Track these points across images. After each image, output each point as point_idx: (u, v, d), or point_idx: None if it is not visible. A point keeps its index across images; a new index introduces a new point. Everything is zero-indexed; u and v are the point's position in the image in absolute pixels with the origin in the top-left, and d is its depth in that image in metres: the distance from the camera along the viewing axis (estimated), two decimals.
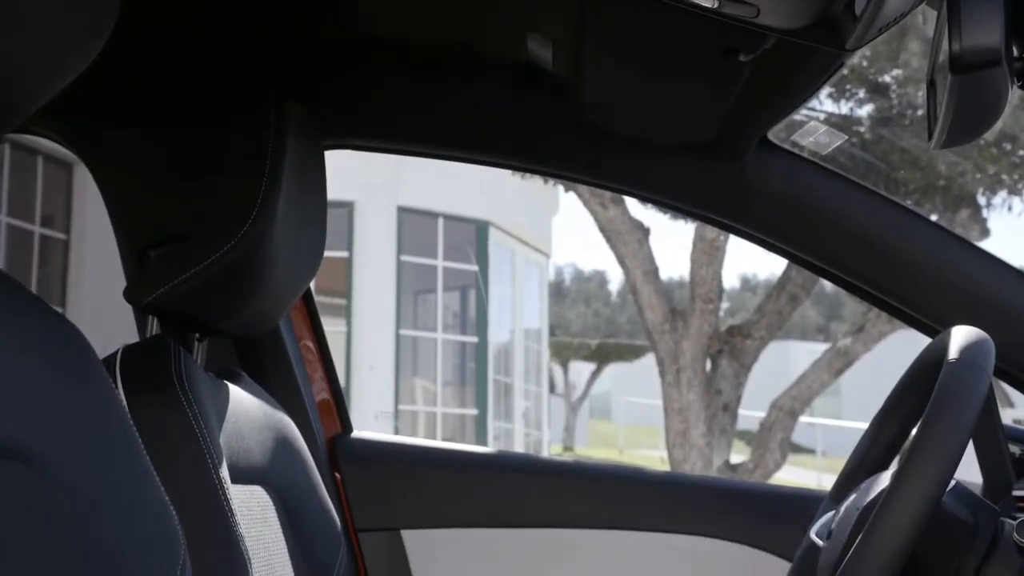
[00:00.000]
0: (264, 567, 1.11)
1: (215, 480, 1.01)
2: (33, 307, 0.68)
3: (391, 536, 1.57)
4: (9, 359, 0.64)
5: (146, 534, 0.70)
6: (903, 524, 1.00)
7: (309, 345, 1.63)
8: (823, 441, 17.58)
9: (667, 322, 7.11)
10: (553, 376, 20.99)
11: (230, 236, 1.08)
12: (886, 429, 1.31)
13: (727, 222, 1.48)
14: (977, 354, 1.08)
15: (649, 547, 1.56)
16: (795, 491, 1.64)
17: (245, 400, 1.20)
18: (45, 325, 0.68)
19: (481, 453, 1.76)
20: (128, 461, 0.71)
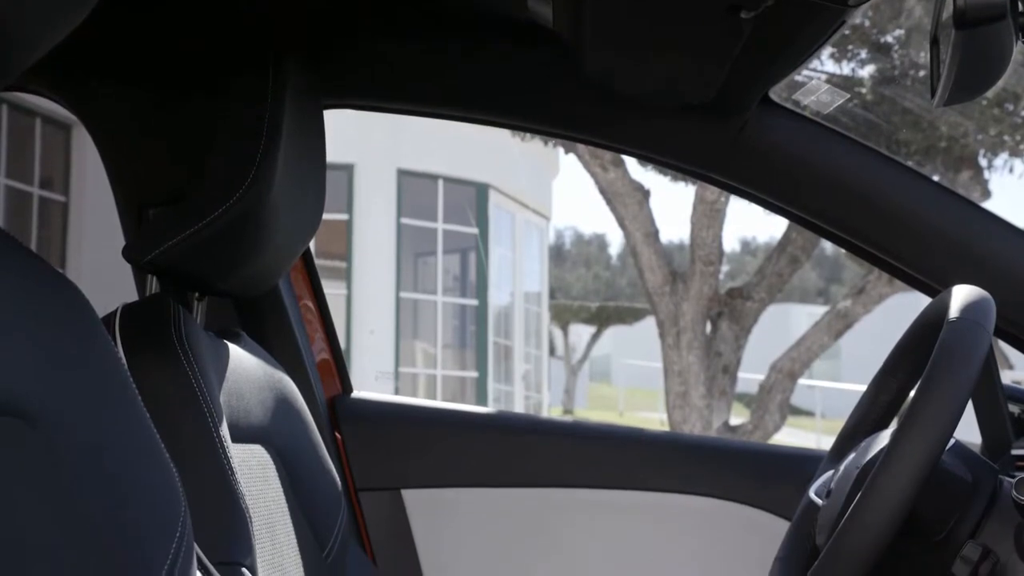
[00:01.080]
0: (265, 525, 1.11)
1: (215, 438, 1.01)
2: (32, 264, 0.68)
3: (391, 495, 1.58)
4: (8, 316, 0.64)
5: (146, 490, 0.71)
6: (902, 482, 1.00)
7: (309, 305, 1.63)
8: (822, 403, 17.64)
9: (667, 284, 7.11)
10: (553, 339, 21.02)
11: (229, 195, 1.08)
12: (886, 388, 1.31)
13: (728, 181, 1.47)
14: (978, 313, 1.07)
15: (649, 507, 1.57)
16: (794, 451, 1.65)
17: (245, 359, 1.20)
18: (44, 282, 0.68)
19: (481, 413, 1.76)
20: (128, 418, 0.71)
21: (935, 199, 1.39)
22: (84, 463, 0.66)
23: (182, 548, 0.71)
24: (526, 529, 1.57)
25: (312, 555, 1.23)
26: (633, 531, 1.57)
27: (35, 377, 0.64)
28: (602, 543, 1.57)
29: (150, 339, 1.03)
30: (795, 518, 1.32)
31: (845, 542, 1.02)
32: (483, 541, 1.57)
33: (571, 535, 1.57)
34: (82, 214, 7.20)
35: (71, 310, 0.70)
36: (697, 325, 7.09)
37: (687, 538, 1.56)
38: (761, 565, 1.34)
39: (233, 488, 1.00)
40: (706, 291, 7.04)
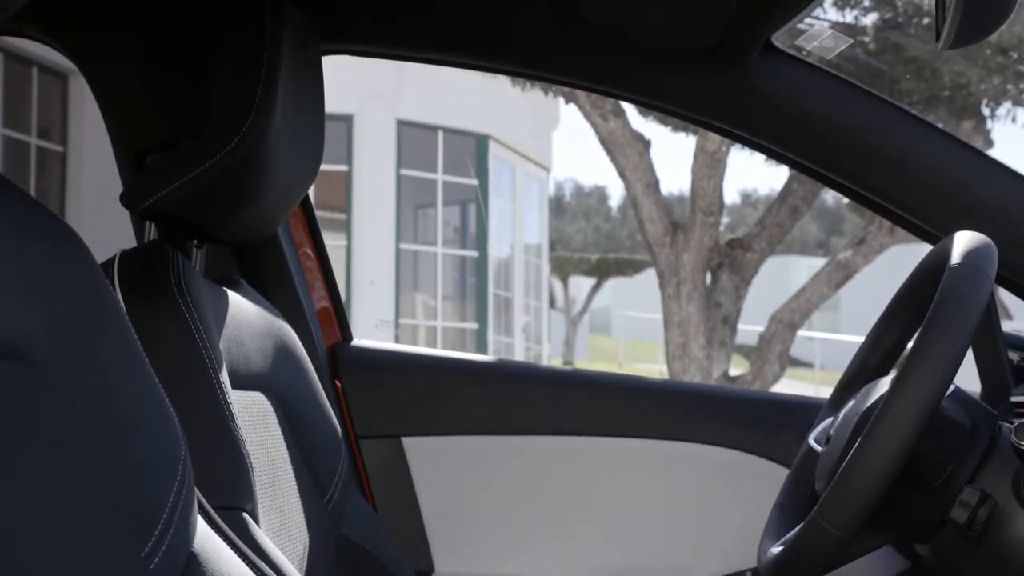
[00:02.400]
0: (265, 471, 1.12)
1: (215, 385, 1.01)
2: (31, 208, 0.67)
3: (392, 443, 1.59)
4: (6, 259, 0.63)
5: (146, 435, 0.71)
6: (902, 428, 1.00)
7: (308, 253, 1.62)
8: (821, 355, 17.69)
9: (667, 235, 7.10)
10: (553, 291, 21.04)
11: (227, 141, 1.07)
12: (886, 335, 1.31)
13: (730, 129, 1.46)
14: (979, 258, 1.07)
15: (648, 454, 1.57)
16: (794, 398, 1.65)
17: (245, 307, 1.20)
18: (43, 226, 0.68)
19: (482, 361, 1.77)
20: (128, 362, 0.71)
21: (938, 146, 1.38)
22: (84, 405, 0.66)
23: (183, 492, 0.72)
24: (526, 476, 1.58)
25: (313, 501, 1.24)
26: (632, 479, 1.58)
27: (34, 319, 0.64)
28: (601, 490, 1.58)
29: (148, 286, 1.03)
30: (794, 465, 1.33)
31: (844, 488, 1.03)
32: (483, 488, 1.58)
33: (571, 483, 1.58)
34: (81, 164, 7.17)
35: (69, 254, 0.69)
36: (697, 276, 7.09)
37: (686, 485, 1.57)
38: (760, 511, 1.34)
39: (233, 434, 1.00)
40: (706, 242, 7.03)
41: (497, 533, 1.57)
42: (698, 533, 1.56)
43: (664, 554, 1.56)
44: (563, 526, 1.57)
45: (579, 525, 1.57)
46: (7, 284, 0.63)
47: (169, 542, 0.69)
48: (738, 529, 1.51)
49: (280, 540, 1.10)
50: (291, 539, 1.14)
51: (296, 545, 1.15)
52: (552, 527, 1.57)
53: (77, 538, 0.63)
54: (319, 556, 1.20)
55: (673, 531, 1.56)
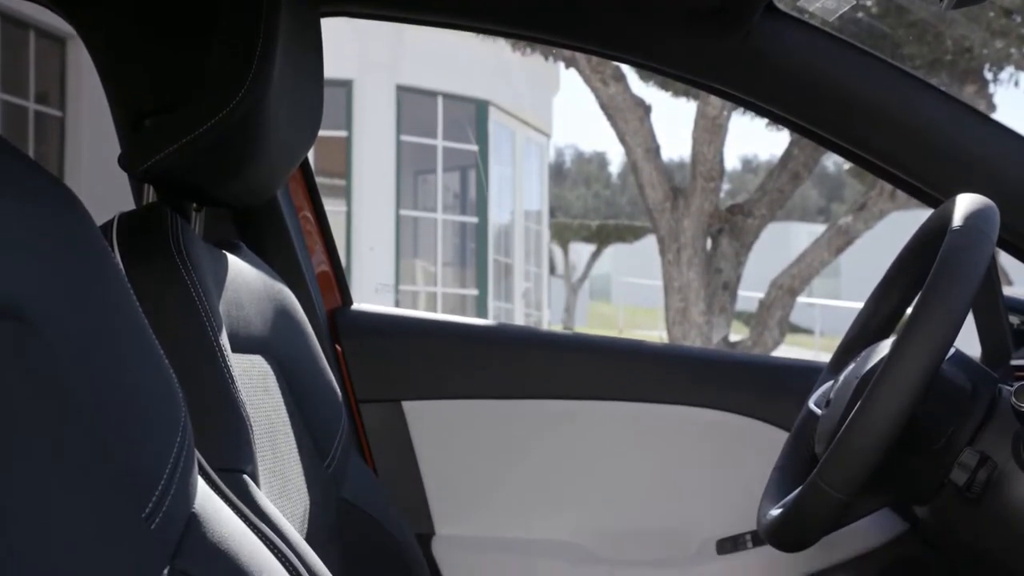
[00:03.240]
0: (266, 434, 1.12)
1: (215, 347, 1.00)
2: (30, 170, 0.67)
3: (392, 407, 1.59)
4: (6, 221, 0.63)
5: (146, 396, 0.70)
6: (902, 391, 1.00)
7: (308, 216, 1.62)
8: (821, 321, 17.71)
9: (668, 200, 7.09)
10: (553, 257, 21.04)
11: (226, 102, 1.06)
12: (887, 299, 1.31)
13: (731, 91, 1.45)
14: (981, 221, 1.07)
15: (649, 418, 1.58)
16: (794, 362, 1.65)
17: (244, 270, 1.20)
18: (43, 188, 0.67)
19: (482, 325, 1.76)
20: (127, 322, 0.71)
21: (941, 109, 1.37)
22: (83, 366, 0.66)
23: (183, 453, 0.72)
24: (526, 440, 1.58)
25: (313, 465, 1.24)
26: (632, 442, 1.58)
27: (32, 280, 0.64)
28: (602, 454, 1.58)
29: (147, 248, 1.02)
30: (794, 428, 1.33)
31: (844, 450, 1.03)
32: (483, 452, 1.58)
33: (571, 447, 1.58)
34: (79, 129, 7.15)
35: (68, 216, 0.69)
36: (697, 241, 7.08)
37: (686, 449, 1.57)
38: (759, 475, 1.34)
39: (233, 396, 1.00)
40: (707, 207, 7.02)
41: (497, 496, 1.58)
42: (698, 496, 1.56)
43: (664, 517, 1.57)
44: (563, 490, 1.58)
45: (579, 489, 1.58)
46: (6, 245, 0.62)
47: (169, 503, 0.69)
48: (738, 492, 1.52)
49: (281, 503, 1.10)
50: (292, 502, 1.14)
51: (297, 508, 1.15)
52: (552, 491, 1.58)
53: (77, 498, 0.63)
54: (319, 519, 1.21)
55: (673, 494, 1.57)
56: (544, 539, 1.56)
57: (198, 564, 0.70)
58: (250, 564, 0.74)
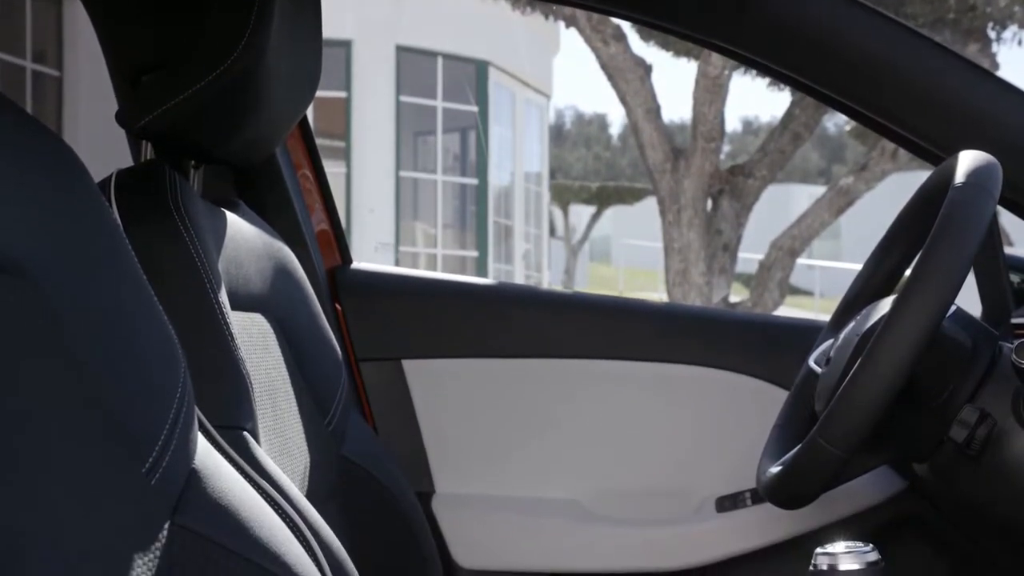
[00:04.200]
0: (266, 392, 1.12)
1: (214, 305, 1.00)
2: (28, 124, 0.67)
3: (392, 366, 1.59)
4: (4, 176, 0.63)
5: (145, 351, 0.70)
6: (902, 348, 1.00)
7: (307, 175, 1.61)
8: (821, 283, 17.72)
9: (668, 161, 7.07)
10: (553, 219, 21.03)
11: (223, 58, 1.05)
12: (888, 256, 1.30)
13: (731, 48, 1.44)
14: (984, 177, 1.06)
15: (649, 377, 1.58)
16: (794, 321, 1.65)
17: (243, 228, 1.19)
18: (41, 144, 0.67)
19: (482, 284, 1.76)
20: (125, 277, 0.71)
21: (944, 66, 1.36)
22: (82, 321, 0.66)
23: (183, 408, 0.72)
24: (526, 399, 1.58)
25: (313, 423, 1.24)
26: (632, 401, 1.58)
27: (30, 234, 0.64)
28: (601, 413, 1.58)
29: (145, 205, 1.02)
30: (794, 386, 1.33)
31: (844, 407, 1.03)
32: (483, 410, 1.59)
33: (571, 406, 1.58)
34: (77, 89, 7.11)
35: (65, 170, 0.69)
36: (698, 202, 7.07)
37: (686, 408, 1.57)
38: (759, 434, 1.35)
39: (233, 353, 1.00)
40: (707, 168, 7.00)
41: (497, 455, 1.58)
42: (697, 455, 1.57)
43: (663, 476, 1.57)
44: (563, 448, 1.58)
45: (578, 448, 1.58)
46: (5, 200, 0.62)
47: (169, 459, 0.69)
48: (737, 451, 1.52)
49: (281, 460, 1.10)
50: (292, 459, 1.14)
51: (297, 465, 1.16)
52: (552, 449, 1.58)
53: (76, 453, 0.63)
54: (320, 476, 1.21)
55: (672, 453, 1.57)
56: (544, 497, 1.57)
57: (199, 519, 0.70)
58: (251, 519, 0.74)
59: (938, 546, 1.52)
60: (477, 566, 1.54)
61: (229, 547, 0.71)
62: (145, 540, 0.66)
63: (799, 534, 1.49)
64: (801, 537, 1.49)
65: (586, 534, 1.54)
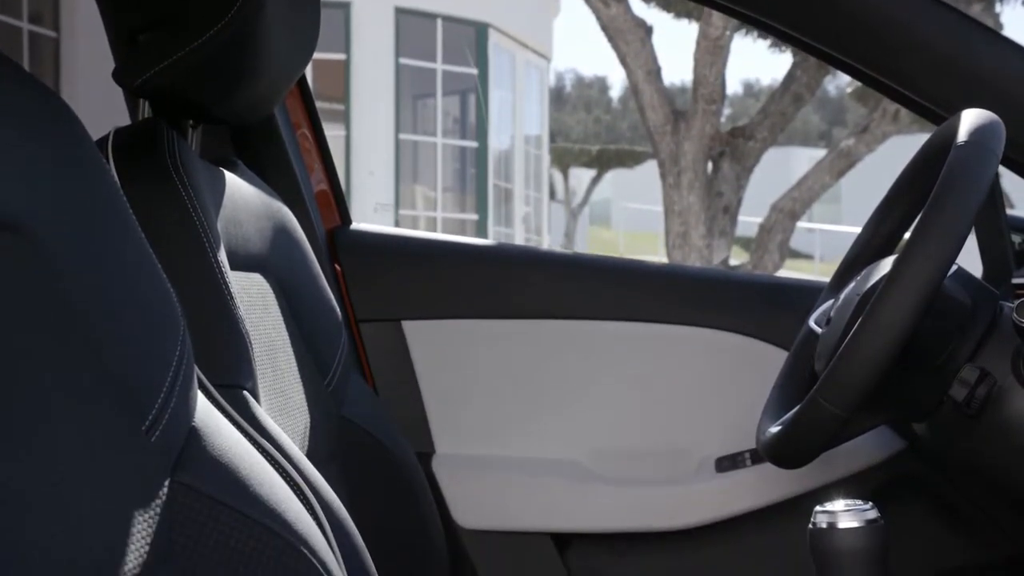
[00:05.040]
0: (265, 352, 1.12)
1: (213, 264, 1.00)
2: (27, 83, 0.66)
3: (392, 326, 1.58)
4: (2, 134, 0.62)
5: (144, 309, 0.70)
6: (903, 308, 1.00)
7: (306, 134, 1.60)
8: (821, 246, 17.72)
9: (668, 123, 7.04)
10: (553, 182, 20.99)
11: (220, 16, 1.04)
12: (890, 216, 1.30)
13: (734, 7, 1.43)
14: (986, 136, 1.05)
15: (648, 338, 1.58)
16: (794, 282, 1.65)
17: (242, 187, 1.19)
18: (39, 101, 0.67)
19: (482, 245, 1.76)
20: (123, 234, 0.71)
21: (947, 24, 1.34)
22: (80, 278, 0.65)
23: (182, 366, 0.71)
24: (526, 360, 1.58)
25: (314, 383, 1.24)
26: (632, 362, 1.58)
27: (29, 192, 0.63)
28: (601, 374, 1.58)
29: (143, 164, 1.01)
30: (794, 347, 1.33)
31: (844, 367, 1.03)
32: (483, 372, 1.59)
33: (571, 366, 1.58)
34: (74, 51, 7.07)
35: (64, 128, 0.69)
36: (698, 165, 7.05)
37: (686, 369, 1.57)
38: (759, 394, 1.35)
39: (233, 312, 1.00)
40: (708, 130, 6.98)
41: (497, 416, 1.58)
42: (697, 416, 1.57)
43: (663, 436, 1.57)
44: (563, 409, 1.58)
45: (579, 408, 1.58)
46: (4, 159, 0.62)
47: (169, 416, 0.69)
48: (737, 412, 1.52)
49: (281, 420, 1.10)
50: (292, 419, 1.15)
51: (297, 425, 1.16)
52: (552, 410, 1.58)
53: (76, 410, 0.63)
54: (320, 436, 1.21)
55: (672, 413, 1.57)
56: (544, 458, 1.57)
57: (199, 477, 0.70)
58: (251, 477, 0.74)
59: (937, 506, 1.52)
60: (477, 526, 1.55)
61: (229, 504, 0.71)
62: (145, 497, 0.66)
63: (798, 494, 1.50)
64: (800, 497, 1.49)
65: (586, 494, 1.55)
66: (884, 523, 0.93)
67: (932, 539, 1.52)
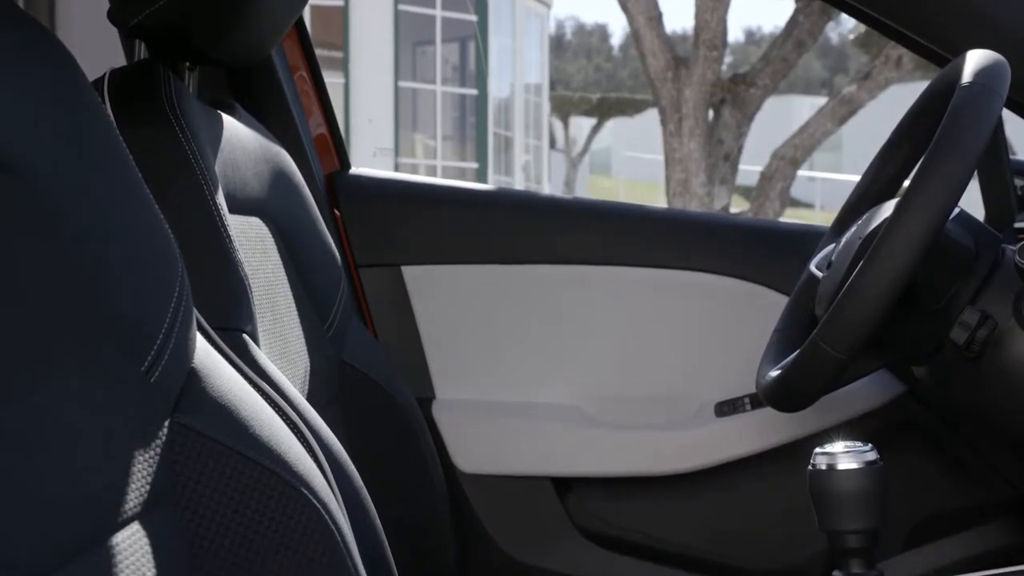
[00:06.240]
0: (265, 296, 1.11)
1: (211, 206, 0.99)
2: (23, 23, 0.65)
3: (391, 271, 1.58)
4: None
5: (141, 249, 0.70)
6: (905, 251, 0.99)
7: (304, 77, 1.59)
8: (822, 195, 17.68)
9: (670, 70, 6.99)
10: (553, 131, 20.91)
11: None
12: (892, 160, 1.29)
13: None
14: (991, 77, 1.04)
15: (649, 283, 1.57)
16: (795, 226, 1.64)
17: (240, 131, 1.18)
18: (35, 41, 0.66)
19: (482, 190, 1.75)
20: (121, 177, 0.70)
21: None
22: (77, 218, 0.65)
23: (181, 307, 0.71)
24: (526, 305, 1.58)
25: (313, 327, 1.24)
26: (633, 307, 1.58)
27: (26, 132, 0.63)
28: (601, 319, 1.58)
29: (140, 105, 1.00)
30: (795, 291, 1.32)
31: (844, 310, 1.02)
32: (484, 317, 1.58)
33: (571, 311, 1.58)
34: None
35: (60, 68, 0.68)
36: (699, 112, 7.01)
37: (686, 314, 1.57)
38: (759, 339, 1.35)
39: (231, 255, 0.99)
40: (709, 76, 6.93)
41: (497, 361, 1.58)
42: (697, 360, 1.57)
43: (663, 382, 1.58)
44: (563, 354, 1.58)
45: (579, 353, 1.58)
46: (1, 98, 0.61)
47: (168, 357, 0.69)
48: (737, 356, 1.52)
49: (281, 364, 1.10)
50: (292, 363, 1.14)
51: (297, 369, 1.16)
52: (552, 355, 1.58)
53: (75, 350, 0.63)
54: (321, 381, 1.21)
55: (672, 359, 1.57)
56: (544, 403, 1.57)
57: (199, 418, 0.70)
58: (251, 419, 0.74)
59: (935, 449, 1.53)
60: (477, 470, 1.56)
61: (229, 445, 0.71)
62: (145, 437, 0.66)
63: (798, 438, 1.50)
64: (800, 441, 1.50)
65: (586, 439, 1.55)
66: (883, 465, 0.93)
67: (930, 482, 1.53)
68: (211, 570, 0.69)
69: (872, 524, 0.91)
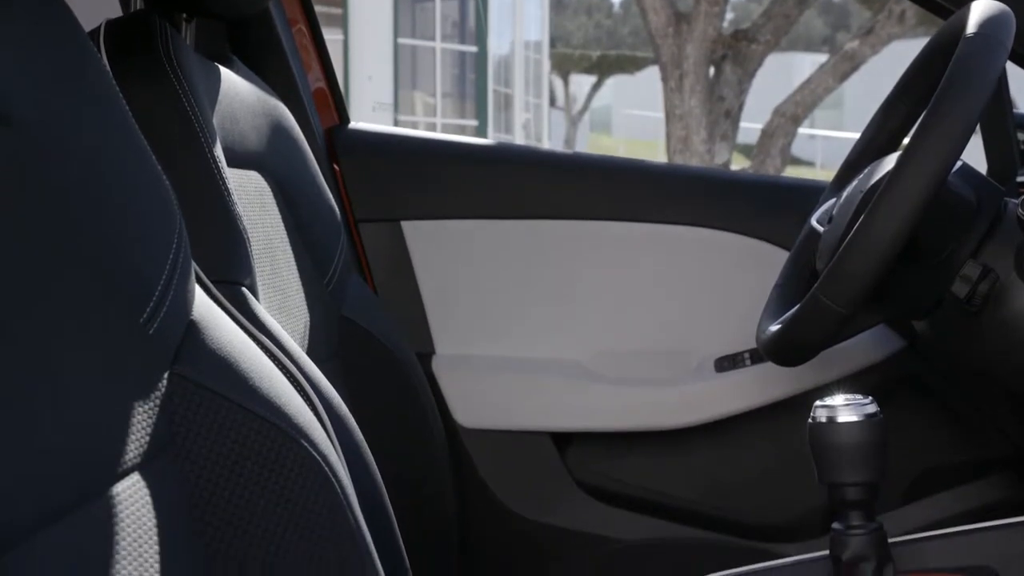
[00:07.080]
0: (264, 250, 1.11)
1: (209, 159, 0.98)
2: None
3: (391, 227, 1.57)
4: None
5: (139, 200, 0.69)
6: (906, 204, 0.99)
7: (303, 30, 1.57)
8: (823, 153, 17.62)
9: (670, 25, 6.95)
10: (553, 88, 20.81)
11: None
12: (894, 113, 1.28)
13: None
14: (996, 28, 1.03)
15: (649, 238, 1.57)
16: (796, 181, 1.63)
17: (238, 83, 1.17)
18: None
19: (482, 145, 1.74)
20: (117, 128, 0.69)
21: None
22: (72, 169, 0.65)
23: (179, 259, 0.71)
24: (526, 260, 1.57)
25: (313, 282, 1.23)
26: (633, 262, 1.57)
27: (19, 83, 0.62)
28: (602, 274, 1.58)
29: (136, 57, 0.99)
30: (795, 246, 1.32)
31: (845, 264, 1.02)
32: (483, 272, 1.58)
33: (571, 266, 1.57)
34: None
35: (54, 18, 0.67)
36: (700, 68, 6.97)
37: (686, 269, 1.57)
38: (760, 294, 1.34)
39: (230, 208, 0.99)
40: (710, 32, 6.89)
41: (497, 316, 1.58)
42: (697, 316, 1.57)
43: (663, 337, 1.57)
44: (564, 310, 1.58)
45: (579, 309, 1.58)
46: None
47: (167, 309, 0.69)
48: (737, 311, 1.52)
49: (280, 318, 1.10)
50: (292, 318, 1.14)
51: (297, 324, 1.15)
52: (553, 311, 1.58)
53: (74, 301, 0.63)
54: (320, 336, 1.21)
55: (672, 314, 1.57)
56: (543, 358, 1.57)
57: (198, 369, 0.70)
58: (250, 371, 0.74)
59: (935, 404, 1.53)
60: (477, 425, 1.56)
61: (229, 397, 0.71)
62: (144, 389, 0.66)
63: (797, 393, 1.50)
64: (800, 396, 1.50)
65: (586, 394, 1.55)
66: (883, 418, 0.93)
67: (930, 437, 1.53)
68: (211, 520, 0.69)
69: (872, 477, 0.91)
